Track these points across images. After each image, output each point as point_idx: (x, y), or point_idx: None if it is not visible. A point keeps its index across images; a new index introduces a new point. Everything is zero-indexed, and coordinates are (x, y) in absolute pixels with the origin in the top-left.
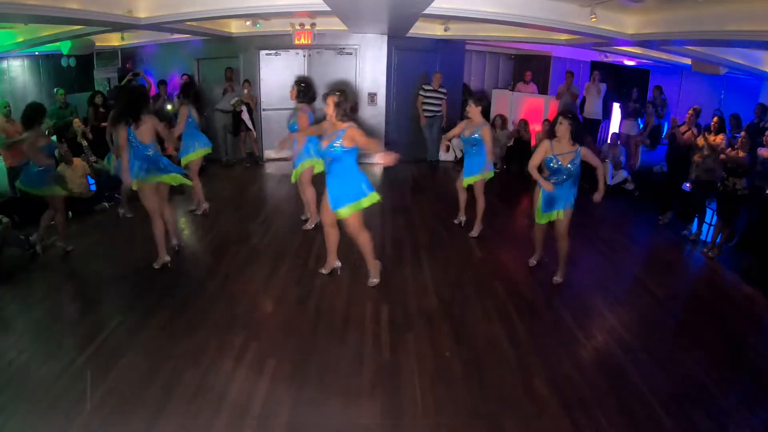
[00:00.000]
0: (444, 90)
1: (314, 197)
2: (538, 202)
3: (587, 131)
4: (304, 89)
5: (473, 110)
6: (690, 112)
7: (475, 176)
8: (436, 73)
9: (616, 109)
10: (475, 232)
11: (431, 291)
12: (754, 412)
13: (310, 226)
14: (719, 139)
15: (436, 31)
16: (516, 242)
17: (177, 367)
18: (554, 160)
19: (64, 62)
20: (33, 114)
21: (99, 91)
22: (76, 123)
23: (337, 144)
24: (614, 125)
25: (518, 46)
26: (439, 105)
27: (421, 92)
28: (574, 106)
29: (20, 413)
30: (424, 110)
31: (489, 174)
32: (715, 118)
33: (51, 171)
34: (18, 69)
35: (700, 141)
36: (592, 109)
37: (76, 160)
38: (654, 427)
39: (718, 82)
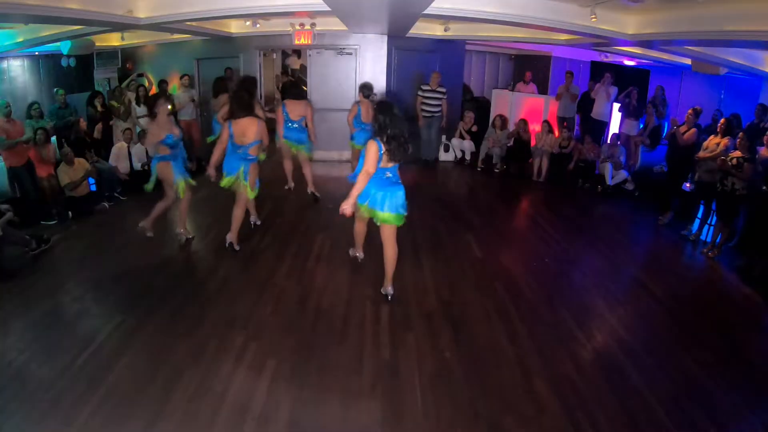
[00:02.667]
0: (443, 89)
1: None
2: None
3: (592, 132)
4: None
5: (365, 101)
6: (689, 112)
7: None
8: (434, 73)
9: (616, 108)
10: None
11: (431, 291)
12: (754, 412)
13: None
14: (724, 142)
15: (436, 31)
16: (516, 242)
17: (177, 367)
18: None
19: (64, 62)
20: None
21: (98, 91)
22: (82, 124)
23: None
24: (614, 125)
25: (518, 46)
26: (438, 105)
27: (420, 92)
28: (574, 107)
29: (20, 413)
30: (423, 110)
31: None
32: (723, 120)
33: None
34: (18, 69)
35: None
36: (601, 110)
37: (78, 161)
38: (654, 427)
39: (718, 82)
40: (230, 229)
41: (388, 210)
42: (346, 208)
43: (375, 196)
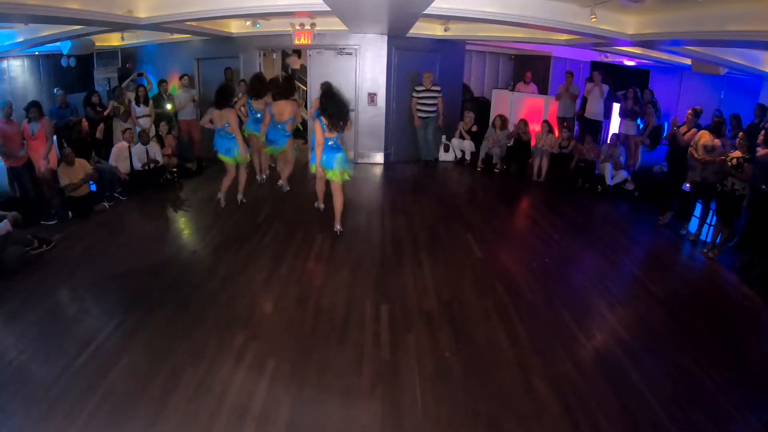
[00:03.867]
0: (437, 88)
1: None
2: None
3: (588, 131)
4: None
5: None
6: (689, 112)
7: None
8: (426, 73)
9: (616, 108)
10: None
11: (431, 291)
12: (754, 412)
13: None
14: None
15: (436, 31)
16: (516, 242)
17: (177, 367)
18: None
19: (64, 62)
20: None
21: (95, 91)
22: (84, 125)
23: None
24: (614, 125)
25: (518, 46)
26: (434, 104)
27: (414, 94)
28: (574, 107)
29: (20, 413)
30: (419, 110)
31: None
32: (741, 134)
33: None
34: (18, 69)
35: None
36: (594, 109)
37: (78, 161)
38: (654, 427)
39: (718, 82)
40: (282, 177)
41: (334, 169)
42: (315, 167)
43: (324, 159)
